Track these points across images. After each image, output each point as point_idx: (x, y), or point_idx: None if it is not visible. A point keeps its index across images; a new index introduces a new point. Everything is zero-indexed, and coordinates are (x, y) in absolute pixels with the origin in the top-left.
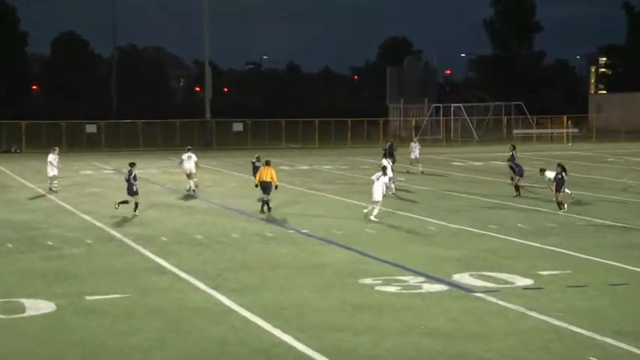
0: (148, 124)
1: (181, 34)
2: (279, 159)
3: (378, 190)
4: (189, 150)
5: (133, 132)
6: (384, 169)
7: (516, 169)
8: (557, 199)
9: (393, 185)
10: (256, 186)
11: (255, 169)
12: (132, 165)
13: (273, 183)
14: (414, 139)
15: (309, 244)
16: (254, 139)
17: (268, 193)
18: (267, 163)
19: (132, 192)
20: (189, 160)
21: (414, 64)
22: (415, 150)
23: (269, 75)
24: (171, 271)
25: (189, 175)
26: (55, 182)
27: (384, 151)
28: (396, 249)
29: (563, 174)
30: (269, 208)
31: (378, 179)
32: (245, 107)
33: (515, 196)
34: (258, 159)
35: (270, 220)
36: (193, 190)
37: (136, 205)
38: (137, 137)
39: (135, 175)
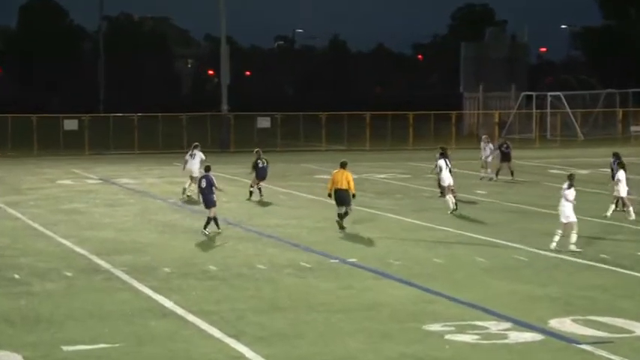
0: (145, 119)
1: (190, 2)
2: (317, 164)
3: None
4: (195, 147)
5: (126, 129)
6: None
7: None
8: None
9: (450, 201)
10: (329, 196)
11: (260, 171)
12: (207, 170)
13: (350, 191)
14: (483, 137)
15: (357, 277)
16: (285, 138)
17: (347, 205)
18: (343, 166)
19: (210, 203)
20: (194, 160)
21: (497, 40)
22: (486, 149)
23: (305, 54)
24: (176, 312)
25: (192, 179)
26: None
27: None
28: (473, 285)
29: None
30: (341, 226)
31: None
32: (273, 97)
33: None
34: (259, 154)
35: (307, 248)
36: (188, 196)
37: (215, 221)
38: (131, 136)
39: (211, 181)
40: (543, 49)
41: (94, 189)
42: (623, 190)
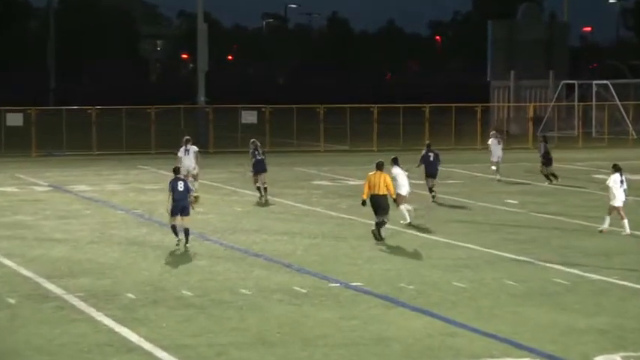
0: (106, 113)
1: None
2: (314, 168)
3: None
4: (187, 142)
5: (82, 125)
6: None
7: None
8: None
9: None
10: (363, 203)
11: (257, 164)
12: (176, 171)
13: (388, 196)
14: (492, 132)
15: (362, 305)
16: (275, 136)
17: (386, 213)
18: (379, 167)
19: (183, 210)
20: (188, 156)
21: (532, 18)
22: (497, 149)
23: (299, 35)
24: (142, 348)
25: (186, 176)
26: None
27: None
28: (503, 314)
29: None
30: (379, 236)
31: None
32: (261, 86)
33: None
34: (255, 145)
35: (302, 269)
36: (196, 197)
37: (186, 234)
38: (89, 134)
39: (185, 184)
40: (587, 29)
41: (43, 198)
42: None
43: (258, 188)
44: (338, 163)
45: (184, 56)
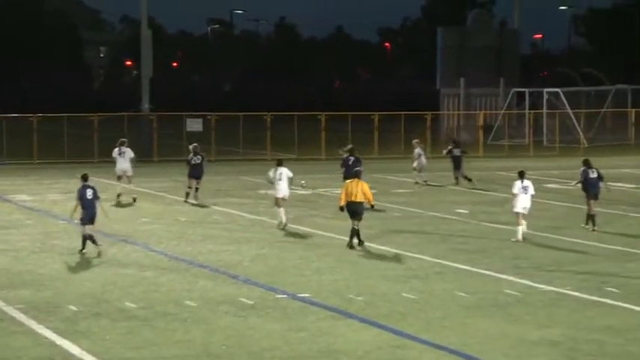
0: (47, 121)
1: None
2: (261, 177)
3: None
4: (122, 144)
5: (22, 133)
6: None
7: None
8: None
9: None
10: (341, 209)
11: (192, 169)
12: (85, 178)
13: (366, 203)
14: (415, 141)
15: (310, 317)
16: (221, 144)
17: (360, 219)
18: (357, 175)
19: (94, 217)
20: (123, 158)
21: (482, 25)
22: (421, 158)
23: (246, 42)
24: None
25: (120, 178)
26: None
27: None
28: (454, 326)
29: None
30: (360, 242)
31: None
32: (207, 93)
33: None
34: (195, 149)
35: (249, 280)
36: (134, 199)
37: (91, 239)
38: (29, 142)
39: (93, 191)
40: (538, 36)
41: None
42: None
43: (187, 192)
44: None
45: (128, 63)
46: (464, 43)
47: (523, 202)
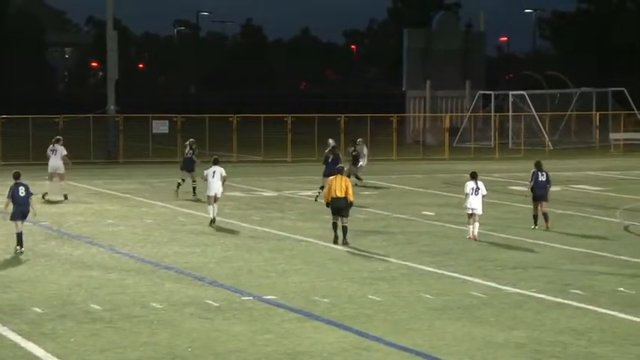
0: (12, 123)
1: None
2: (228, 180)
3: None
4: (56, 141)
5: None
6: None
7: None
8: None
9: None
10: (327, 205)
11: (185, 162)
12: (16, 176)
13: (348, 198)
14: (358, 140)
15: (276, 319)
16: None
17: (346, 216)
18: (340, 171)
19: (23, 215)
20: (55, 156)
21: (447, 27)
22: (364, 153)
23: (212, 43)
24: None
25: (52, 175)
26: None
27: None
28: (420, 327)
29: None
30: (344, 240)
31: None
32: (172, 95)
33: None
34: (190, 145)
35: (214, 282)
36: (65, 196)
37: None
38: None
39: (26, 189)
40: (504, 39)
41: None
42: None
43: (178, 184)
44: (251, 173)
45: (94, 64)
46: (430, 46)
47: (474, 203)
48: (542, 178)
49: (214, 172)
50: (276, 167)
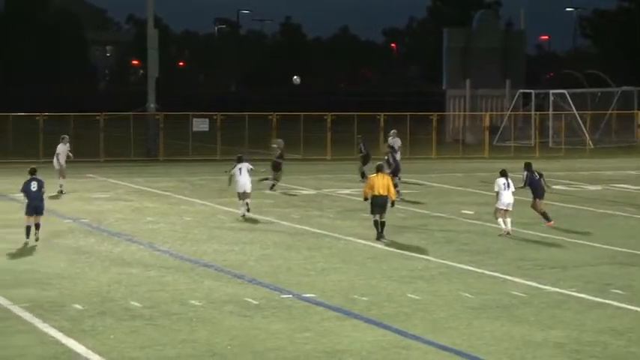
0: (53, 120)
1: None
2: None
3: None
4: (63, 139)
5: (28, 132)
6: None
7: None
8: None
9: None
10: (365, 199)
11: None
12: (32, 172)
13: (389, 197)
14: (392, 132)
15: (315, 317)
16: (227, 144)
17: (383, 211)
18: (380, 169)
19: (38, 209)
20: (62, 153)
21: (488, 26)
22: (397, 146)
23: (252, 41)
24: None
25: (61, 172)
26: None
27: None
28: (458, 326)
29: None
30: (381, 234)
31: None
32: (213, 93)
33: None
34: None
35: (254, 280)
36: (61, 192)
37: (27, 230)
38: (35, 141)
39: (39, 184)
40: (544, 38)
41: None
42: None
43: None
44: (291, 172)
45: (134, 62)
46: (470, 44)
47: (508, 198)
48: (536, 177)
49: (241, 169)
50: (316, 165)
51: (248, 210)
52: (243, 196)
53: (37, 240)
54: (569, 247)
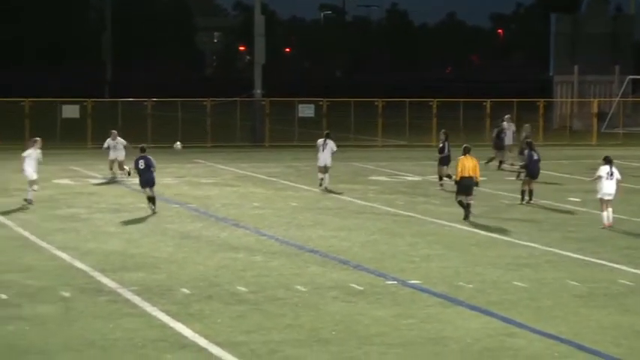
0: (162, 105)
1: None
2: (372, 163)
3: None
4: (112, 134)
5: (137, 117)
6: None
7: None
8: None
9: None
10: (455, 182)
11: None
12: (142, 150)
13: (475, 177)
14: (506, 117)
15: (419, 303)
16: (333, 130)
17: (470, 194)
18: (467, 151)
19: (147, 182)
20: (116, 149)
21: (597, 11)
22: (509, 133)
23: (358, 27)
24: (197, 344)
25: (119, 165)
26: (35, 187)
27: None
28: (565, 315)
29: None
30: (467, 216)
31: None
32: (318, 79)
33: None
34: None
35: (359, 266)
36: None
37: (151, 201)
38: (143, 125)
39: (146, 161)
40: None
41: (97, 190)
42: None
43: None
44: (396, 158)
45: (241, 48)
46: (578, 30)
47: (610, 188)
48: (536, 157)
49: (324, 146)
50: (421, 152)
51: (321, 184)
52: (323, 170)
53: (153, 213)
54: None
